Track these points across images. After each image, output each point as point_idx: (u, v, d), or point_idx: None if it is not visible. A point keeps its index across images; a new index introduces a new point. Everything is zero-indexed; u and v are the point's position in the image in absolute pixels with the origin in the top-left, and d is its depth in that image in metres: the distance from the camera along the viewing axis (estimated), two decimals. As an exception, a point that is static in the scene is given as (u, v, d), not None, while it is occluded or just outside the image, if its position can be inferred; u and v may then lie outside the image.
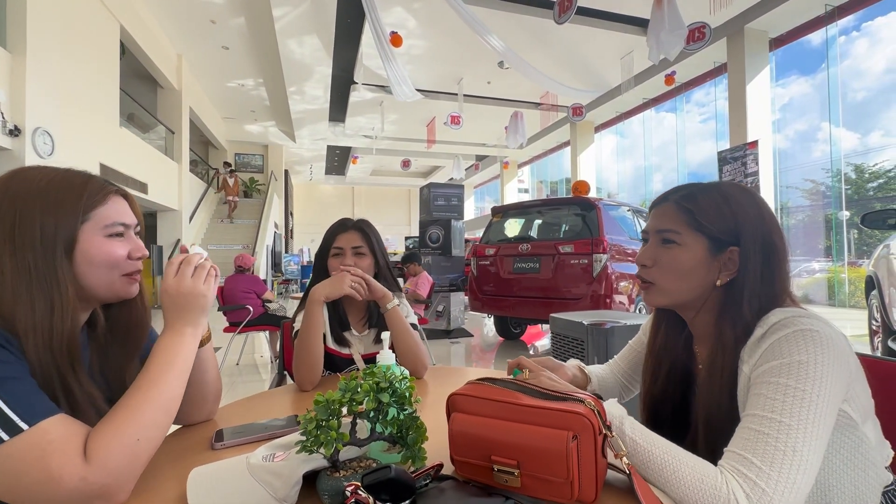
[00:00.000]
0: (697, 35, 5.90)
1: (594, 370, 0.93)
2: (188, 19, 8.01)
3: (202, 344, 0.76)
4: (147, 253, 0.69)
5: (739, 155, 7.40)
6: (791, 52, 8.23)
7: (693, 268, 0.68)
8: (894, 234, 3.00)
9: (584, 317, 1.83)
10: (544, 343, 5.24)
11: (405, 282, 4.75)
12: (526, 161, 16.53)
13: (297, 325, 1.16)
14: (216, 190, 12.48)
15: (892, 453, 0.62)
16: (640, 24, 6.94)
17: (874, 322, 3.17)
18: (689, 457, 0.55)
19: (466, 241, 7.80)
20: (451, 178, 14.63)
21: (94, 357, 0.69)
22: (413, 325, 1.20)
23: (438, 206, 5.71)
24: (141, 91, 9.09)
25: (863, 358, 0.65)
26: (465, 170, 16.63)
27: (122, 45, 7.31)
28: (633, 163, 12.82)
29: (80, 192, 0.62)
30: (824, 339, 0.56)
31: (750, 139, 7.27)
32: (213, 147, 14.27)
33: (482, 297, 4.51)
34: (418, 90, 8.54)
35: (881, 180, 9.20)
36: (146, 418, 0.56)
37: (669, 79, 8.37)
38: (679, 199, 0.70)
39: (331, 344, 1.17)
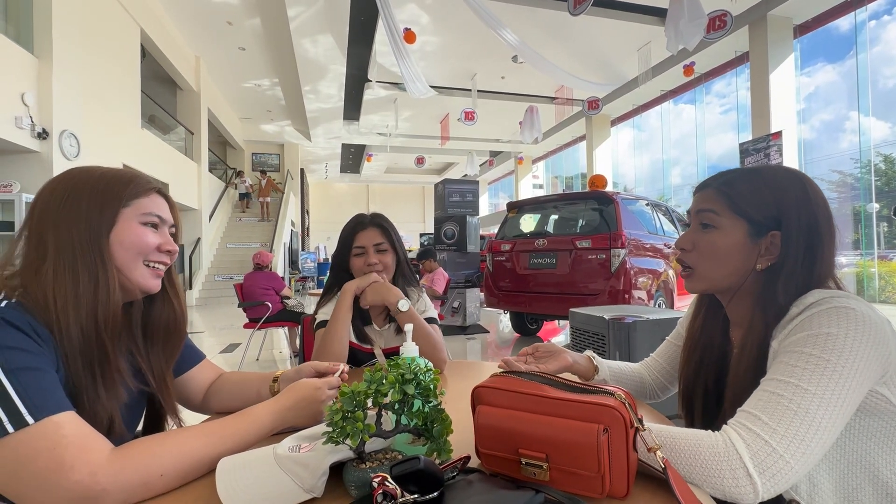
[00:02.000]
0: (718, 23, 5.74)
1: (612, 364, 0.91)
2: (205, 21, 8.15)
3: None
4: (177, 249, 0.71)
5: (762, 146, 7.19)
6: (817, 38, 7.95)
7: (731, 252, 0.66)
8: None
9: (605, 311, 1.80)
10: (560, 339, 5.19)
11: (421, 278, 4.76)
12: (540, 156, 16.38)
13: (319, 318, 1.18)
14: (254, 194, 12.79)
15: None
16: (657, 13, 6.78)
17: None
18: (683, 431, 0.54)
19: (481, 237, 7.78)
20: (465, 175, 14.58)
21: (143, 348, 0.71)
22: (432, 320, 1.21)
23: (453, 202, 5.69)
24: (161, 93, 9.30)
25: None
26: (480, 166, 16.55)
27: (142, 48, 7.48)
28: (650, 156, 12.60)
29: (126, 182, 0.66)
30: (860, 316, 0.54)
31: (773, 130, 7.06)
32: (230, 147, 14.52)
33: (498, 293, 4.49)
34: (432, 87, 8.53)
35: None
36: (184, 463, 0.54)
37: (688, 69, 8.17)
38: (720, 184, 0.70)
39: (352, 338, 1.18)
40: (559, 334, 5.39)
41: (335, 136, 13.94)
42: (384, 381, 0.52)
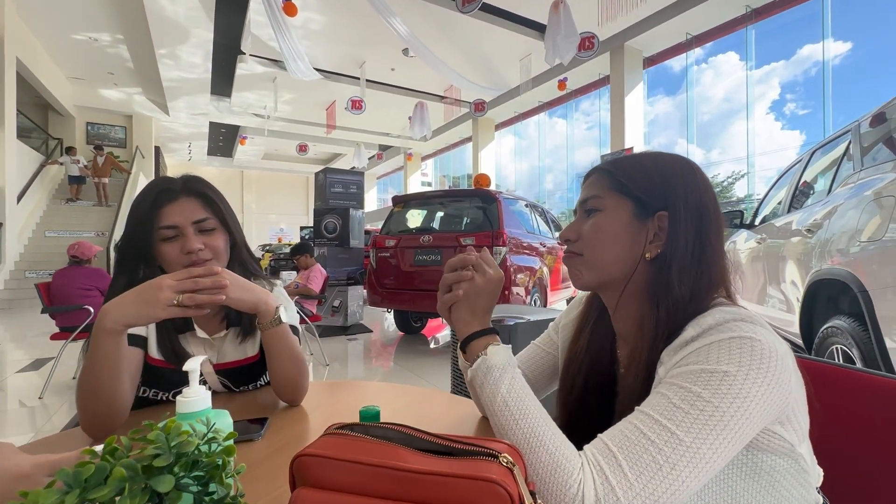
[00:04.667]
0: (587, 44, 6.33)
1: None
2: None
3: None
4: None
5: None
6: (660, 72, 9.35)
7: (617, 233, 0.59)
8: (737, 231, 3.50)
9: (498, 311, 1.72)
10: (445, 334, 5.20)
11: (297, 275, 4.31)
12: (430, 154, 16.56)
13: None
14: (84, 171, 10.17)
15: (822, 472, 0.56)
16: (538, 28, 7.25)
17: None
18: (556, 437, 0.49)
19: (367, 232, 7.46)
20: (353, 167, 14.02)
21: None
22: (294, 330, 0.88)
23: (336, 193, 5.30)
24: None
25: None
26: (369, 159, 16.09)
27: None
28: (528, 163, 13.59)
29: None
30: (765, 351, 0.47)
31: (627, 146, 8.09)
32: (55, 112, 11.70)
33: (381, 291, 4.28)
34: (317, 69, 7.93)
35: (717, 189, 11.01)
36: None
37: (562, 84, 8.94)
38: (604, 166, 0.64)
39: (154, 353, 0.81)
40: (443, 330, 5.40)
41: (201, 111, 12.19)
42: (106, 480, 0.28)
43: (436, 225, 4.51)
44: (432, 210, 4.62)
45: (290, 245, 12.99)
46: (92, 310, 3.02)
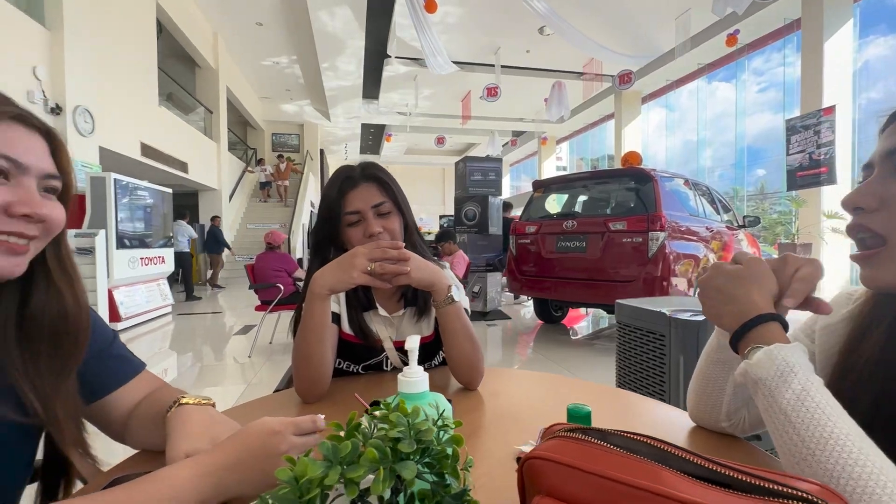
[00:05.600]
0: (772, -17, 5.17)
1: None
2: (222, -6, 7.93)
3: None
4: (46, 215, 0.46)
5: (812, 123, 6.60)
6: (879, 3, 7.18)
7: None
8: None
9: (659, 304, 1.51)
10: (583, 325, 4.92)
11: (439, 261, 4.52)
12: (565, 136, 15.77)
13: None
14: (270, 177, 12.61)
15: None
16: (701, -25, 6.20)
17: None
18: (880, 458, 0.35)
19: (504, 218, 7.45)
20: (488, 155, 14.18)
21: (19, 360, 0.47)
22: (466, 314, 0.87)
23: (475, 181, 5.39)
24: (179, 70, 9.18)
25: None
26: (503, 146, 16.09)
27: (158, 23, 7.32)
28: (681, 137, 11.93)
29: None
30: None
31: (825, 105, 6.44)
32: (251, 127, 14.44)
33: (521, 278, 4.22)
34: (453, 62, 8.15)
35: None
36: None
37: (732, 39, 7.52)
38: None
39: (346, 328, 0.89)
40: (581, 321, 5.12)
41: (354, 115, 13.68)
42: (359, 458, 0.28)
43: (580, 209, 4.24)
44: (575, 194, 4.36)
45: (429, 233, 13.82)
46: (282, 287, 3.63)
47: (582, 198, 4.28)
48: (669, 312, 1.32)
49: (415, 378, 0.42)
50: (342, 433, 0.31)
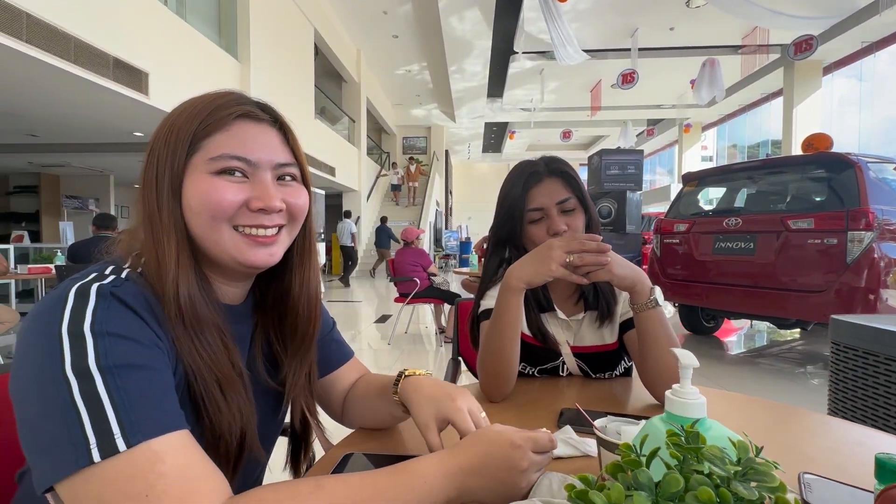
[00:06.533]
0: None
1: None
2: (364, 13, 8.73)
3: None
4: (281, 206, 0.49)
5: None
6: None
7: None
8: None
9: (887, 322, 1.18)
10: (733, 339, 4.21)
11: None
12: (713, 122, 13.81)
13: (483, 305, 0.86)
14: (401, 180, 13.74)
15: None
16: None
17: None
18: None
19: (643, 216, 6.81)
20: (618, 147, 13.17)
21: (258, 350, 0.55)
22: None
23: (611, 175, 5.01)
24: (329, 86, 10.41)
25: None
26: (637, 136, 14.77)
27: (315, 47, 8.39)
28: (879, 113, 9.49)
29: (198, 114, 0.47)
30: None
31: None
32: (385, 133, 15.72)
33: (667, 282, 3.78)
34: (584, 51, 7.72)
35: None
36: None
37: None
38: None
39: (525, 330, 0.86)
40: (732, 334, 4.43)
41: (478, 115, 13.92)
42: (679, 497, 0.23)
43: (744, 204, 3.64)
44: (737, 186, 3.75)
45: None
46: (418, 281, 3.85)
47: (748, 191, 3.66)
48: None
49: (689, 401, 0.35)
50: (642, 463, 0.27)
